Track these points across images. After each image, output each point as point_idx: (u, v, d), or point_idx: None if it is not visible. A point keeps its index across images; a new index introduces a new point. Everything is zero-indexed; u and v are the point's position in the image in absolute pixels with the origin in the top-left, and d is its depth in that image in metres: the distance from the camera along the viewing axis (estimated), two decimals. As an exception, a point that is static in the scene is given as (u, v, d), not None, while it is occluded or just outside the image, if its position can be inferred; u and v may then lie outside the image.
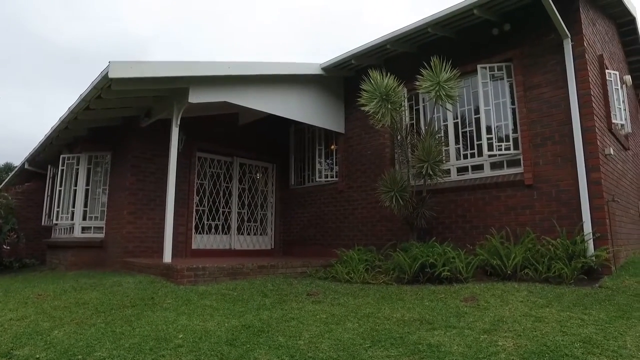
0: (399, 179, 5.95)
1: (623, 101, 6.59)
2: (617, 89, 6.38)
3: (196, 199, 8.28)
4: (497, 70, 6.02)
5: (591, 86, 5.30)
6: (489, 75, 6.01)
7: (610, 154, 5.60)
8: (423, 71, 5.66)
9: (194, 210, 8.19)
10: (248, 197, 9.31)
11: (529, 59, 5.77)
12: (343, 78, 8.24)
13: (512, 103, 5.92)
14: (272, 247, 9.49)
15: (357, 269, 5.66)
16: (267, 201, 9.69)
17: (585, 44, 5.39)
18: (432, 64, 5.60)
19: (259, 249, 9.29)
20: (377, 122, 5.85)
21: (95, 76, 5.61)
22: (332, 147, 8.50)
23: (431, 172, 5.67)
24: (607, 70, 6.09)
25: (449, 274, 4.94)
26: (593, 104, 5.24)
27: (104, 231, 7.99)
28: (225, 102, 6.57)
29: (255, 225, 9.38)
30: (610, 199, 5.34)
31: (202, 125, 8.25)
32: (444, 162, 6.16)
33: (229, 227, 8.86)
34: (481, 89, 6.00)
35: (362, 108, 5.93)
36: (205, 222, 8.45)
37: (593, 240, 4.93)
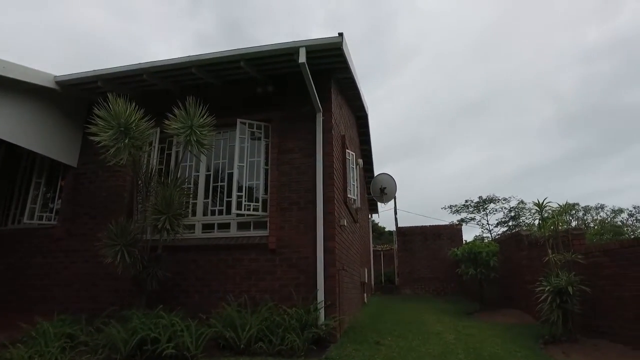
0: (131, 231, 4.90)
1: (356, 179, 7.48)
2: (353, 168, 7.20)
3: None
4: (257, 129, 5.92)
5: (334, 160, 5.70)
6: (247, 132, 5.84)
7: (344, 225, 6.05)
8: (176, 111, 5.00)
9: None
10: None
11: (286, 124, 5.89)
12: (88, 102, 6.80)
13: (266, 164, 5.85)
14: None
15: (48, 350, 4.15)
16: (-60, 245, 6.81)
17: (333, 122, 5.86)
18: (187, 105, 5.01)
19: None
20: (110, 157, 4.74)
21: None
22: (62, 182, 6.72)
23: (169, 227, 4.85)
24: (347, 150, 6.81)
25: (174, 351, 4.14)
26: (335, 176, 5.61)
27: None
28: None
29: None
30: (341, 267, 5.66)
31: None
32: (189, 216, 5.49)
33: None
34: (238, 144, 5.75)
35: (93, 138, 4.75)
36: None
37: (325, 308, 4.99)
